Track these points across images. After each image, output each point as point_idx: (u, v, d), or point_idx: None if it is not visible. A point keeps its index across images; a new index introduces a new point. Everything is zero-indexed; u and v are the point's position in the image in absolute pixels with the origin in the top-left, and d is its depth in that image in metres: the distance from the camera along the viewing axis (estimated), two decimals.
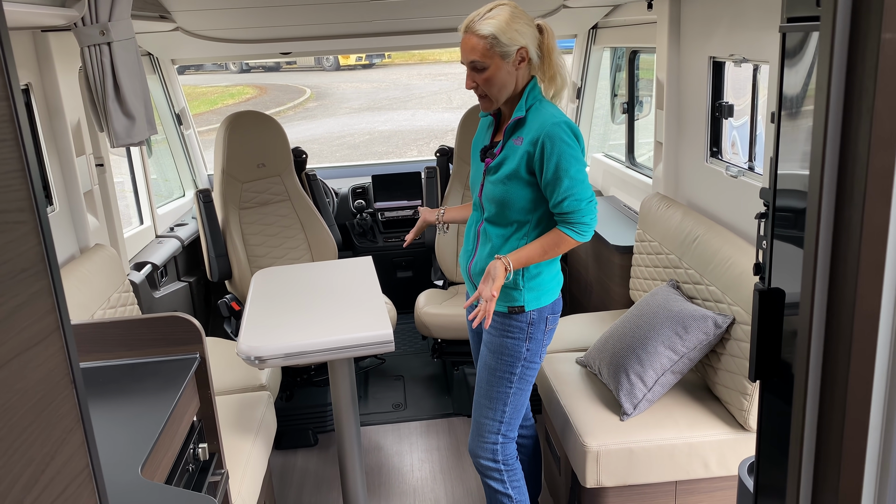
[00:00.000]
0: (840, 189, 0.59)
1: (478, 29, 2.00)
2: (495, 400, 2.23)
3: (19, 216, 0.69)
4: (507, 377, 2.20)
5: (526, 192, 2.07)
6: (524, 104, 2.07)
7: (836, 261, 0.60)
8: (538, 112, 2.06)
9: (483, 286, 2.04)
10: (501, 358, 2.19)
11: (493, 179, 2.11)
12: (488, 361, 2.22)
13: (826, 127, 0.59)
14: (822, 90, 0.59)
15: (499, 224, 2.14)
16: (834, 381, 0.61)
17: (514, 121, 2.07)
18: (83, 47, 2.39)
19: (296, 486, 3.15)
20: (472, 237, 2.25)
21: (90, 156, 2.98)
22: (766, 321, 1.08)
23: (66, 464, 0.75)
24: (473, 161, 2.26)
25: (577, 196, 2.01)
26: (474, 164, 2.25)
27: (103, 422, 1.62)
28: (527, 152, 2.03)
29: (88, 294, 2.62)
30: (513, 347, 2.17)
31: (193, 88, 17.72)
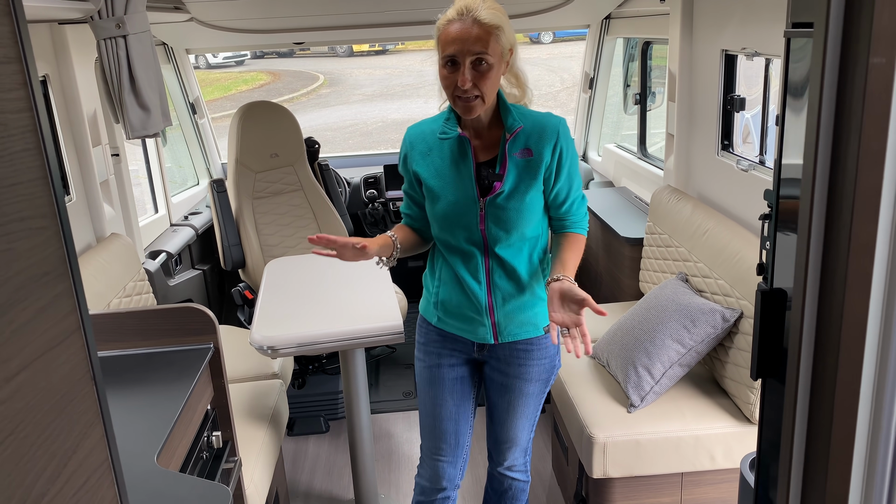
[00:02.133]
0: (830, 205, 0.61)
1: (483, 17, 1.69)
2: (534, 417, 2.13)
3: (42, 222, 0.73)
4: (543, 393, 2.09)
5: (540, 202, 1.88)
6: (511, 111, 1.84)
7: (825, 273, 0.62)
8: (527, 116, 1.86)
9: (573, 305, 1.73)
10: (543, 382, 2.05)
11: (503, 204, 1.83)
12: (528, 390, 2.03)
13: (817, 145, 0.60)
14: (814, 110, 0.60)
15: (514, 247, 1.89)
16: (822, 388, 0.63)
17: (516, 132, 1.82)
18: (99, 40, 2.43)
19: (307, 472, 3.20)
20: (477, 280, 1.92)
21: (106, 146, 3.02)
22: (768, 321, 1.10)
23: (87, 457, 0.78)
24: (450, 194, 1.86)
25: (582, 194, 1.95)
26: (453, 196, 1.86)
27: (120, 411, 1.67)
28: (544, 160, 1.83)
29: (105, 283, 2.67)
30: (551, 366, 2.05)
31: (207, 74, 17.78)
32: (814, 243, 0.63)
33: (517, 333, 1.97)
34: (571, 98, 13.78)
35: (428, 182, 1.90)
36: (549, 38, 19.71)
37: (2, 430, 0.64)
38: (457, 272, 1.93)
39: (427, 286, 2.07)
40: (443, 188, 1.87)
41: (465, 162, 1.85)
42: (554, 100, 14.24)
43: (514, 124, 1.82)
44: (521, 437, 2.15)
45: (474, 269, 1.91)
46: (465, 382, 2.08)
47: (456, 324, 2.00)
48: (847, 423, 0.61)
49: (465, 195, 1.85)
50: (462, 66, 1.71)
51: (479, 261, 1.90)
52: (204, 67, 18.33)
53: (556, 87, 15.24)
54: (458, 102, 1.77)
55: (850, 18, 0.58)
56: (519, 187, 1.83)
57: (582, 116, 4.73)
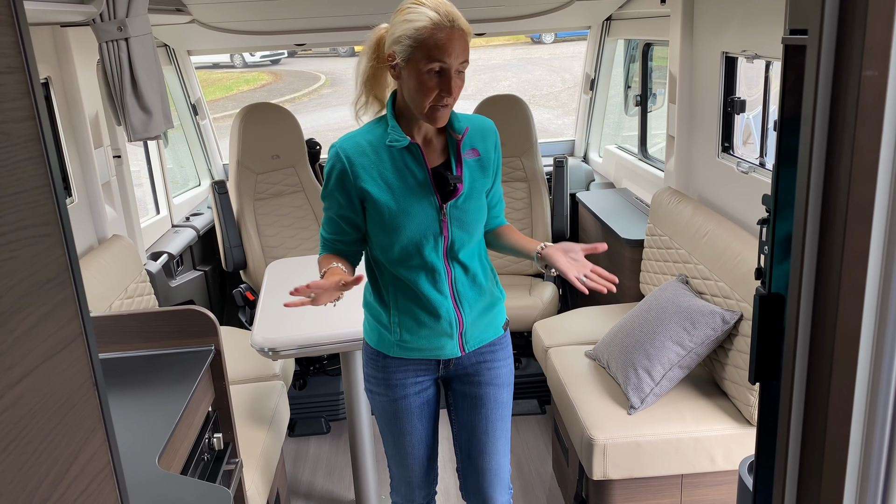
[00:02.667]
0: (824, 215, 0.61)
1: (465, 26, 1.68)
2: (507, 437, 2.05)
3: (45, 230, 0.73)
4: (510, 405, 2.04)
5: (485, 201, 1.89)
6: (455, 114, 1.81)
7: (819, 283, 0.63)
8: (465, 118, 1.85)
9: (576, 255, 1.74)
10: (510, 387, 2.01)
11: (464, 206, 1.81)
12: (501, 397, 1.99)
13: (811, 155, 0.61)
14: (808, 121, 0.61)
15: (471, 250, 1.87)
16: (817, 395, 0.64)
17: (465, 134, 1.81)
18: (101, 43, 2.44)
19: (308, 473, 3.21)
20: (442, 294, 1.84)
21: (108, 148, 3.03)
22: (767, 325, 1.10)
23: (88, 462, 0.79)
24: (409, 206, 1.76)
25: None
26: (413, 208, 1.77)
27: (122, 413, 1.67)
28: (489, 159, 1.86)
29: (106, 284, 2.68)
30: (513, 367, 2.03)
31: (209, 74, 17.78)
32: (808, 252, 0.63)
33: (482, 338, 1.94)
34: (573, 98, 13.77)
35: (380, 199, 1.75)
36: (550, 39, 19.71)
37: (5, 436, 0.65)
38: (419, 292, 1.82)
39: (378, 318, 1.91)
40: (399, 202, 1.76)
41: (419, 170, 1.76)
42: (555, 100, 14.24)
43: (461, 126, 1.80)
44: (503, 464, 2.04)
45: (439, 283, 1.83)
46: (431, 403, 2.01)
47: (421, 347, 1.89)
48: (841, 428, 0.62)
49: (426, 204, 1.77)
50: (450, 76, 1.66)
51: (443, 272, 1.83)
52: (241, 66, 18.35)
53: (557, 88, 15.23)
54: (435, 112, 1.70)
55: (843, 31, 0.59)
56: (474, 186, 1.83)
57: (583, 117, 4.74)
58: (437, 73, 1.66)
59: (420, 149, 1.77)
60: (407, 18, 1.66)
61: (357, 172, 1.75)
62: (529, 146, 4.02)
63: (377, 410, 2.01)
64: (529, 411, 3.59)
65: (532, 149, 4.03)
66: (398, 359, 1.92)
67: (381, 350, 1.93)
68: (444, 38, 1.63)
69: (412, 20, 1.65)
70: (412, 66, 1.66)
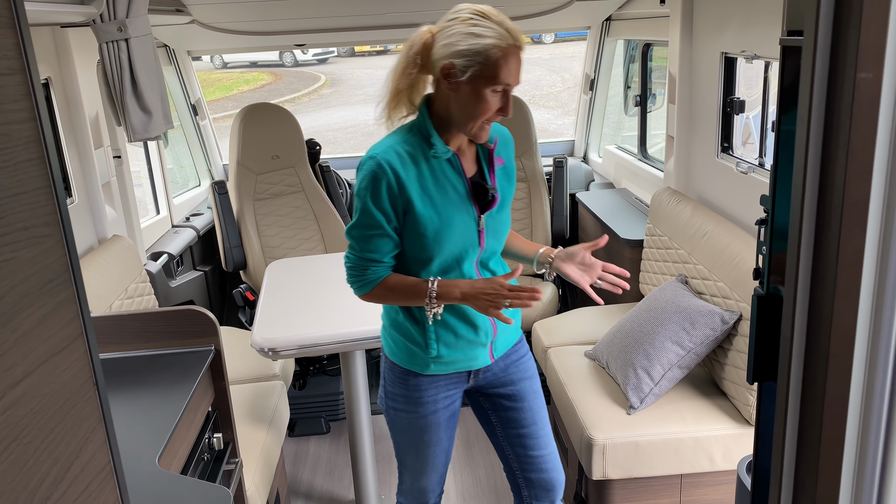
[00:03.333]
0: (819, 216, 0.62)
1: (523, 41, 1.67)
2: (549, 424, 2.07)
3: (46, 230, 0.74)
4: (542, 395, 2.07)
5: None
6: None
7: (815, 282, 0.63)
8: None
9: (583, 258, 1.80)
10: (538, 377, 2.05)
11: (497, 216, 1.81)
12: (535, 387, 2.01)
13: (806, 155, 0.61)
14: (804, 122, 0.61)
15: (497, 256, 1.88)
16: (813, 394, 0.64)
17: (496, 143, 1.81)
18: (101, 43, 2.44)
19: (308, 473, 3.22)
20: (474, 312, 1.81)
21: (108, 148, 3.03)
22: (765, 325, 1.11)
23: (89, 461, 0.80)
24: (452, 218, 1.72)
25: None
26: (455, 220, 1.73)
27: (122, 413, 1.68)
28: (512, 167, 1.88)
29: (106, 285, 2.68)
30: (533, 359, 2.06)
31: (209, 74, 17.79)
32: (804, 251, 0.64)
33: (508, 342, 1.95)
34: (573, 98, 13.78)
35: (423, 212, 1.69)
36: (550, 39, 19.72)
37: (6, 435, 0.65)
38: (457, 306, 1.78)
39: (409, 337, 1.84)
40: (441, 215, 1.71)
41: (459, 181, 1.74)
42: (555, 100, 14.24)
43: (491, 136, 1.79)
44: (556, 449, 2.04)
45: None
46: (456, 413, 2.00)
47: (455, 360, 1.86)
48: (837, 428, 0.62)
49: (465, 216, 1.74)
50: (509, 96, 1.65)
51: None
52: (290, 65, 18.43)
53: (557, 88, 15.24)
54: (483, 128, 1.68)
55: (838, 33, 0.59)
56: (505, 196, 1.83)
57: (583, 117, 4.74)
58: (499, 92, 1.64)
59: (458, 159, 1.74)
60: (473, 32, 1.60)
61: (403, 184, 1.67)
62: (529, 146, 4.03)
63: (399, 426, 1.95)
64: None
65: (532, 149, 4.03)
66: (430, 376, 1.87)
67: (412, 369, 1.87)
68: (513, 60, 1.61)
69: (481, 36, 1.59)
70: (474, 83, 1.61)
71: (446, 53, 1.63)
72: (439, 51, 1.65)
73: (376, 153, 1.69)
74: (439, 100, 1.70)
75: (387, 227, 1.71)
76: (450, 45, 1.62)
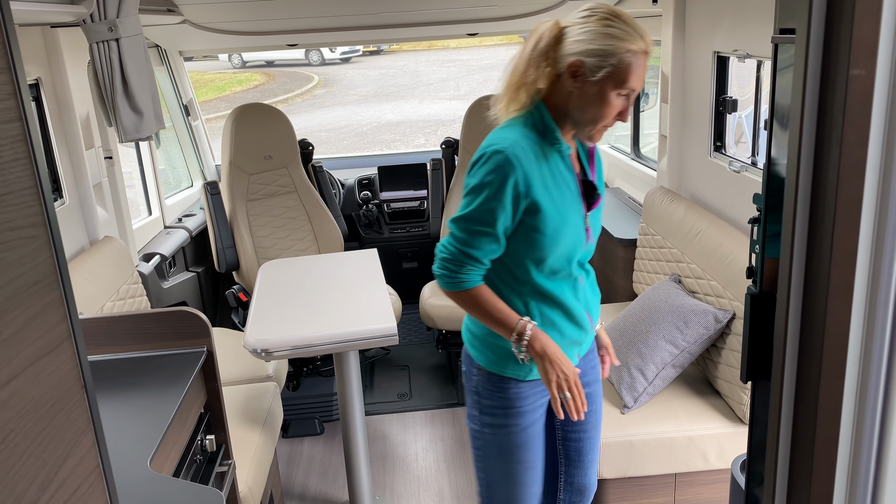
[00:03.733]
0: (813, 213, 0.61)
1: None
2: None
3: (32, 231, 0.73)
4: None
5: None
6: None
7: (808, 281, 0.63)
8: None
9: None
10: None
11: (597, 214, 1.78)
12: (601, 391, 1.98)
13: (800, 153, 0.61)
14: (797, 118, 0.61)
15: (591, 255, 1.83)
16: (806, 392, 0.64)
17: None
18: (92, 43, 2.43)
19: (302, 475, 3.21)
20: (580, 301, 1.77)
21: (99, 149, 3.01)
22: (758, 324, 1.10)
23: (78, 464, 0.79)
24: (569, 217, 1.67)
25: None
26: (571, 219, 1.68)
27: (113, 415, 1.67)
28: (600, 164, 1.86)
29: (98, 286, 2.67)
30: None
31: (201, 75, 17.75)
32: (797, 250, 0.64)
33: (591, 340, 1.89)
34: None
35: (547, 210, 1.63)
36: None
37: None
38: (565, 304, 1.73)
39: (505, 343, 1.74)
40: (559, 212, 1.65)
41: (571, 178, 1.69)
42: None
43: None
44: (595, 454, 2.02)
45: (578, 292, 1.76)
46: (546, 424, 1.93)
47: None
48: (831, 426, 0.62)
49: (576, 214, 1.69)
50: (630, 100, 1.62)
51: (578, 280, 1.76)
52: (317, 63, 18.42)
53: None
54: (599, 130, 1.65)
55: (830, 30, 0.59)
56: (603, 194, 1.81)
57: None
58: (623, 95, 1.60)
59: (570, 157, 1.71)
60: (609, 33, 1.55)
61: (529, 180, 1.61)
62: None
63: (491, 446, 1.83)
64: None
65: None
66: (531, 381, 1.78)
67: (512, 376, 1.77)
68: (642, 65, 1.59)
69: (616, 38, 1.55)
70: (602, 84, 1.58)
71: (577, 51, 1.57)
72: (570, 47, 1.59)
73: (504, 147, 1.60)
74: (556, 96, 1.64)
75: (499, 228, 1.64)
76: (583, 42, 1.57)
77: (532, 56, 1.62)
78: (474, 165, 1.65)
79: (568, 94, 1.62)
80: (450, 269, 1.68)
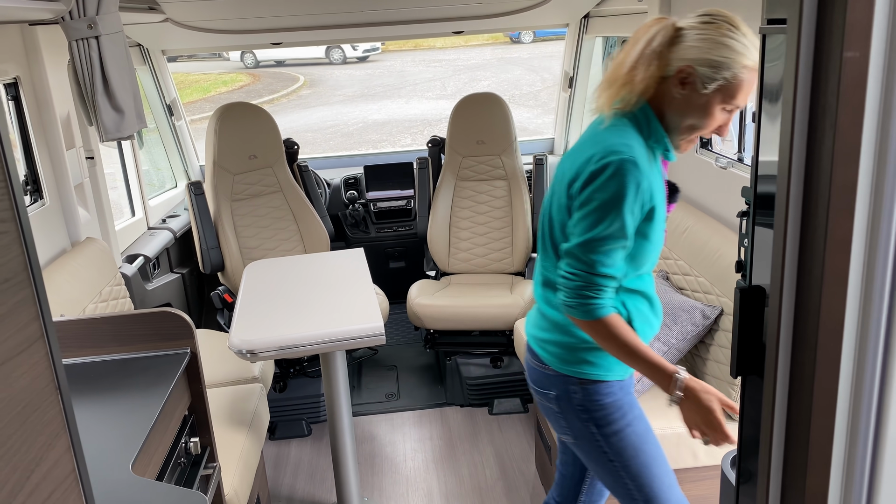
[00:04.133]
0: (806, 202, 0.60)
1: None
2: None
3: (2, 227, 0.70)
4: None
5: None
6: None
7: (802, 270, 0.62)
8: None
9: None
10: None
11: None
12: None
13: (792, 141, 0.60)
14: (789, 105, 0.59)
15: None
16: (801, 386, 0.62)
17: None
18: (71, 41, 2.39)
19: (289, 477, 3.18)
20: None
21: (80, 149, 2.97)
22: (747, 318, 1.09)
23: (51, 469, 0.76)
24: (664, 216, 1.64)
25: None
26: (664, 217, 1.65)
27: (94, 419, 1.63)
28: None
29: (80, 288, 2.63)
30: None
31: (185, 76, 17.63)
32: (790, 240, 0.62)
33: None
34: (552, 98, 13.81)
35: (659, 215, 1.60)
36: (529, 38, 19.76)
37: None
38: (650, 298, 1.71)
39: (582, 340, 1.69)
40: (663, 217, 1.63)
41: (662, 182, 1.64)
42: (535, 99, 14.27)
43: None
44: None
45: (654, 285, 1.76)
46: None
47: None
48: (826, 420, 0.61)
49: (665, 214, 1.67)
50: (731, 117, 1.56)
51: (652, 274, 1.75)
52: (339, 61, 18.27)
53: (536, 87, 15.27)
54: (691, 140, 1.61)
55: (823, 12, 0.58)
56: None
57: (562, 115, 4.74)
58: (728, 111, 1.55)
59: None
60: (729, 45, 1.48)
61: (652, 188, 1.54)
62: (509, 144, 4.01)
63: (627, 450, 1.72)
64: (512, 410, 3.58)
65: (511, 147, 4.02)
66: (629, 378, 1.75)
67: (615, 378, 1.70)
68: (753, 83, 1.50)
69: (736, 52, 1.48)
70: (710, 96, 1.51)
71: (691, 57, 1.50)
72: (685, 51, 1.51)
73: (626, 154, 1.51)
74: (657, 97, 1.57)
75: (630, 238, 1.55)
76: (699, 49, 1.49)
77: (643, 53, 1.53)
78: (597, 177, 1.52)
79: (670, 99, 1.55)
80: (586, 295, 1.55)
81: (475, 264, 4.03)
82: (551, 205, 1.70)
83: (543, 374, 1.75)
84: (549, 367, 1.73)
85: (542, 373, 1.75)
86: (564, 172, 1.65)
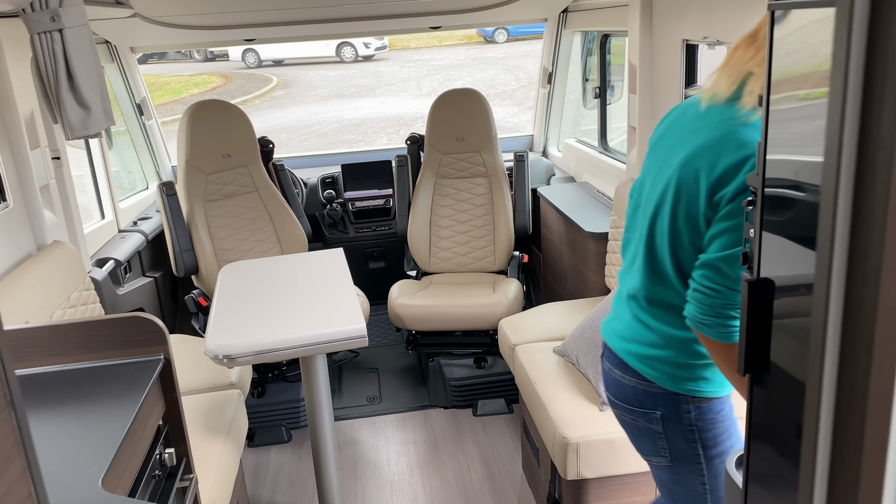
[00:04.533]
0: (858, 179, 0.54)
1: None
2: None
3: None
4: None
5: None
6: None
7: (853, 258, 0.55)
8: None
9: None
10: None
11: None
12: None
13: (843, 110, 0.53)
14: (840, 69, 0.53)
15: None
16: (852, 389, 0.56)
17: None
18: (33, 34, 2.28)
19: (269, 485, 3.08)
20: None
21: (45, 149, 2.85)
22: (755, 313, 1.03)
23: (5, 495, 0.68)
24: None
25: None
26: None
27: (61, 431, 1.54)
28: None
29: (47, 294, 2.51)
30: None
31: (157, 78, 17.35)
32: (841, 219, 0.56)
33: None
34: (527, 97, 13.79)
35: None
36: (503, 38, 19.76)
37: None
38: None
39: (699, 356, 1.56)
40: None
41: None
42: (510, 98, 14.25)
43: None
44: None
45: None
46: None
47: None
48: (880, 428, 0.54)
49: None
50: None
51: None
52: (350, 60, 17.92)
53: (511, 86, 15.26)
54: None
55: None
56: None
57: (541, 111, 4.69)
58: None
59: None
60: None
61: None
62: (489, 141, 3.95)
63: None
64: (497, 411, 3.51)
65: (492, 143, 3.96)
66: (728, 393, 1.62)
67: (722, 394, 1.59)
68: None
69: None
70: None
71: None
72: None
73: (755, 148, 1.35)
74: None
75: None
76: None
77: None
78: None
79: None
80: (728, 315, 1.39)
81: (457, 263, 3.96)
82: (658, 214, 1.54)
83: (647, 393, 1.61)
84: (656, 384, 1.59)
85: (647, 391, 1.61)
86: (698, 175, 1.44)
